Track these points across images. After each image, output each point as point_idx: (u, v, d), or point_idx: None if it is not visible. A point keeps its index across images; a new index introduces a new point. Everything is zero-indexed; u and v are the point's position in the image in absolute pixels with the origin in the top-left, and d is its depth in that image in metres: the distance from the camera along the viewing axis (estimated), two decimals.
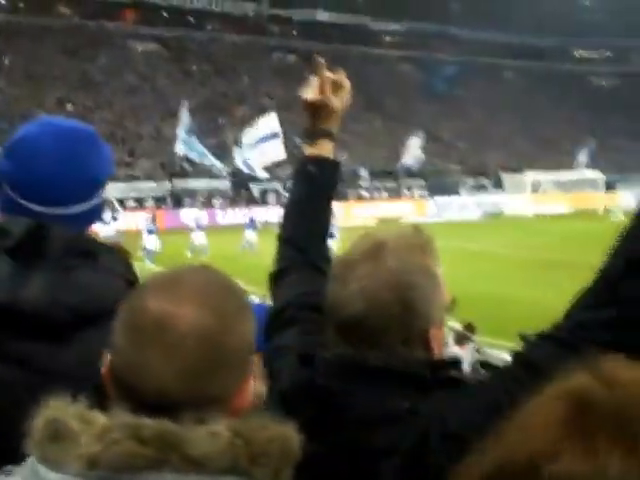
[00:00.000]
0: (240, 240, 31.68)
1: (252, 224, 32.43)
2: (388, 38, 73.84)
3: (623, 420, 0.69)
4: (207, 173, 47.27)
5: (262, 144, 34.19)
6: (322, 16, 68.60)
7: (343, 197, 48.36)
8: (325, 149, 2.29)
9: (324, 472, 1.61)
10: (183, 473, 1.19)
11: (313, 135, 2.31)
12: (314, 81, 2.31)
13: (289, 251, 2.17)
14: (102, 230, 32.56)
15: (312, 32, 66.83)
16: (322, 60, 2.35)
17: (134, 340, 1.28)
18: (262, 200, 46.54)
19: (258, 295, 17.12)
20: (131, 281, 2.03)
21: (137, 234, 32.73)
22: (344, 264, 1.73)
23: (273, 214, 41.45)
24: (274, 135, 33.64)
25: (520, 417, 0.76)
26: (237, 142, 45.94)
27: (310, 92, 2.30)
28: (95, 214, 2.21)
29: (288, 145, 44.14)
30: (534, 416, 0.74)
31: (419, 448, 1.57)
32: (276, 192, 47.05)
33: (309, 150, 2.29)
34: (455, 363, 1.78)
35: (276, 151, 34.36)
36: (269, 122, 34.15)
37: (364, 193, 49.79)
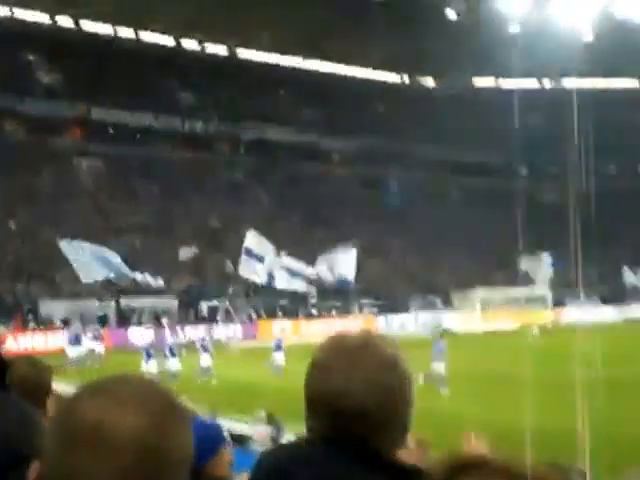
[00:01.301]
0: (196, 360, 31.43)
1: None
2: (337, 156, 75.42)
3: None
4: (153, 291, 47.75)
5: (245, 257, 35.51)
6: (270, 134, 70.04)
7: (293, 315, 49.11)
8: None
9: None
10: None
11: None
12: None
13: None
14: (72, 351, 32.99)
15: (261, 150, 68.28)
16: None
17: (68, 445, 1.25)
18: (210, 318, 46.91)
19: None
20: None
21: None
22: (333, 355, 1.77)
23: (221, 332, 42.19)
24: (256, 257, 35.07)
25: None
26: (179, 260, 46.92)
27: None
28: None
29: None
30: None
31: None
32: (226, 310, 47.62)
33: None
34: None
35: (251, 271, 35.81)
36: (252, 241, 35.80)
37: (313, 311, 50.54)
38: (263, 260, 35.90)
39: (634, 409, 20.35)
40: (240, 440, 16.09)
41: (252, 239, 36.88)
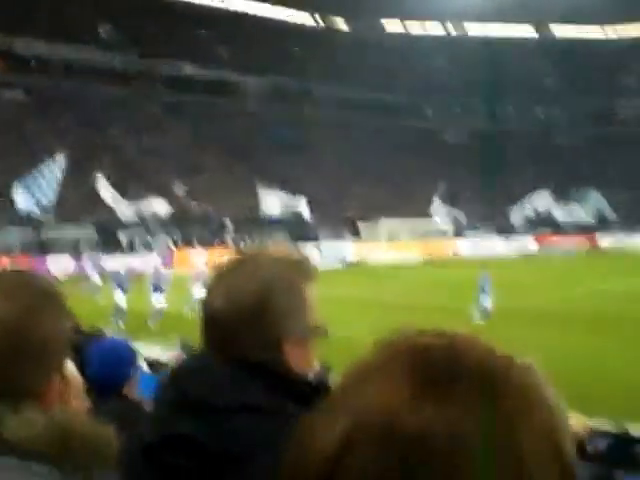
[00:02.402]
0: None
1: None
2: (251, 93, 74.90)
3: (476, 367, 0.66)
4: (74, 221, 46.88)
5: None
6: (188, 69, 69.19)
7: (209, 245, 48.82)
8: None
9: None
10: None
11: None
12: None
13: None
14: None
15: (178, 85, 67.33)
16: None
17: None
18: (130, 248, 46.32)
19: None
20: None
21: None
22: (219, 268, 1.81)
23: (141, 262, 41.58)
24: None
25: (363, 372, 0.69)
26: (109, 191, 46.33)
27: None
28: None
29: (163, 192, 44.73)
30: (380, 370, 0.67)
31: None
32: (144, 240, 47.08)
33: None
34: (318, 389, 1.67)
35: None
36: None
37: (229, 241, 50.32)
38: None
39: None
40: (155, 366, 15.96)
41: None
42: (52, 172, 37.80)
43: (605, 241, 65.59)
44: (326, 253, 50.96)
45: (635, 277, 34.32)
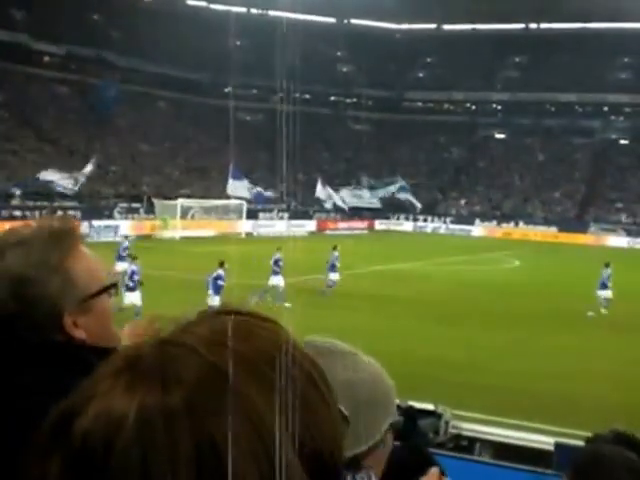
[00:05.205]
0: None
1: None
2: (47, 59, 71.68)
3: (162, 366, 0.69)
4: None
5: None
6: None
7: None
8: None
9: None
10: None
11: None
12: None
13: None
14: None
15: None
16: None
17: None
18: None
19: None
20: None
21: None
22: None
23: None
24: None
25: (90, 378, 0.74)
26: None
27: None
28: None
29: None
30: (97, 375, 0.73)
31: None
32: None
33: None
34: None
35: None
36: None
37: (16, 213, 48.02)
38: None
39: None
40: None
41: None
42: None
43: (382, 224, 69.32)
44: (121, 227, 49.92)
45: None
